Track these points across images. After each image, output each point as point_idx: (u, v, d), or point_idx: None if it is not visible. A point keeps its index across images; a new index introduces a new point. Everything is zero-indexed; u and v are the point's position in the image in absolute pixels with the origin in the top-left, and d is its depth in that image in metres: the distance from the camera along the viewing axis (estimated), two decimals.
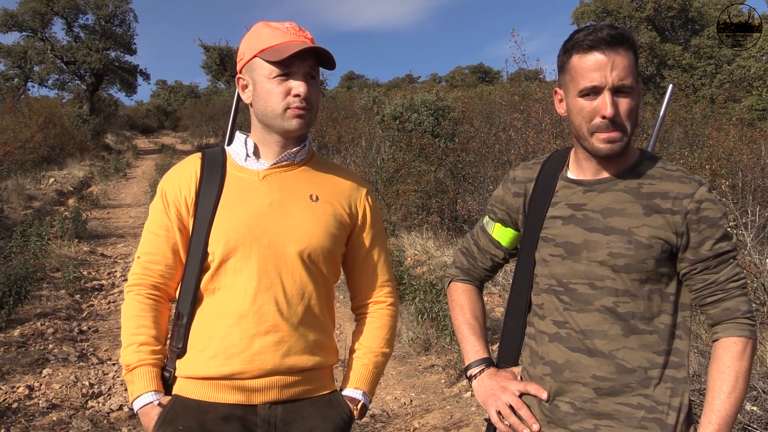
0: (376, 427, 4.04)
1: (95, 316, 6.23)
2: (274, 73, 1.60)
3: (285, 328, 1.61)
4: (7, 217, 10.07)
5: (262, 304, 1.60)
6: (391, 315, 1.81)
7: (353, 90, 42.12)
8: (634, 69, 1.44)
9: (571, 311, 1.54)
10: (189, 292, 1.64)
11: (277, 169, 1.68)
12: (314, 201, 1.68)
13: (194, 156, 1.75)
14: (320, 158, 1.80)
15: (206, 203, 1.64)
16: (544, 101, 9.06)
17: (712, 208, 1.47)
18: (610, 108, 1.42)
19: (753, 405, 3.25)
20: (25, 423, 3.88)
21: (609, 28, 1.43)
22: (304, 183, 1.69)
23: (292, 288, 1.62)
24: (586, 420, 1.52)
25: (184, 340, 1.64)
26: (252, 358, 1.58)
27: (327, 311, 1.72)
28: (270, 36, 1.62)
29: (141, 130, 39.99)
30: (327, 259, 1.67)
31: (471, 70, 60.19)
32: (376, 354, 1.76)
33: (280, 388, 1.61)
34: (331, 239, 1.67)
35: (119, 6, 32.79)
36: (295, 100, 1.60)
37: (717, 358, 1.47)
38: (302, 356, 1.63)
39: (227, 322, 1.60)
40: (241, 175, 1.67)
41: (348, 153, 12.93)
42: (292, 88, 1.59)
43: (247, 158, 1.69)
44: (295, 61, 1.58)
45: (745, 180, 7.73)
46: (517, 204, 1.69)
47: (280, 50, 1.58)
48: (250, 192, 1.65)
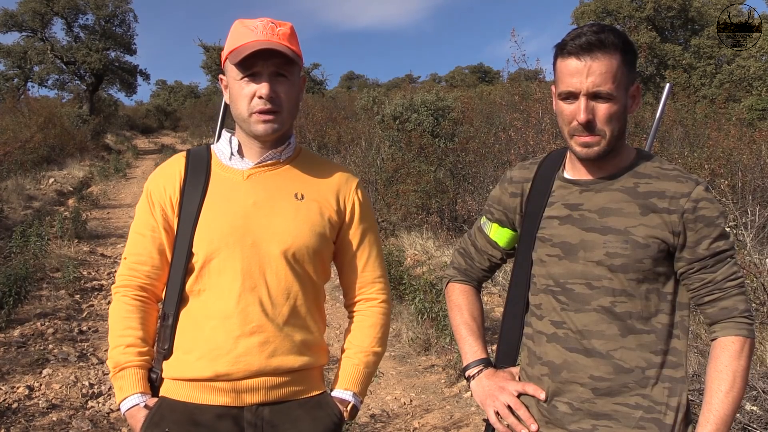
0: (376, 427, 4.04)
1: (95, 316, 6.23)
2: (239, 75, 1.58)
3: (270, 328, 1.59)
4: (7, 217, 10.07)
5: (247, 305, 1.58)
6: (383, 312, 1.78)
7: (353, 90, 42.11)
8: (616, 73, 1.43)
9: (568, 311, 1.54)
10: (174, 293, 1.63)
11: (262, 168, 1.66)
12: (299, 199, 1.65)
13: (179, 155, 1.74)
14: (308, 154, 1.77)
15: (190, 203, 1.62)
16: (544, 101, 9.06)
17: (709, 207, 1.47)
18: (582, 114, 1.44)
19: (753, 405, 3.25)
20: (25, 423, 3.89)
21: (592, 32, 1.43)
22: (290, 181, 1.67)
23: (277, 288, 1.60)
24: (584, 420, 1.53)
25: (170, 341, 1.63)
26: (237, 359, 1.57)
27: (315, 311, 1.69)
28: (238, 36, 1.59)
29: (141, 130, 39.94)
30: (313, 258, 1.64)
31: (471, 70, 60.20)
32: (367, 353, 1.73)
33: (266, 390, 1.60)
34: (316, 238, 1.64)
35: (119, 6, 32.84)
36: (259, 103, 1.57)
37: (715, 358, 1.47)
38: (288, 357, 1.61)
39: (212, 324, 1.59)
40: (226, 175, 1.66)
41: (348, 153, 12.93)
42: (256, 89, 1.56)
43: (232, 157, 1.67)
44: (257, 61, 1.55)
45: (744, 180, 7.73)
46: (514, 204, 1.70)
47: (241, 51, 1.55)
48: (234, 191, 1.63)
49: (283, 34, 1.60)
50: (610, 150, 1.50)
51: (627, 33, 11.12)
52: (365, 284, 1.77)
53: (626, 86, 1.48)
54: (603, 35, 1.43)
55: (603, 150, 1.48)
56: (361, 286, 1.77)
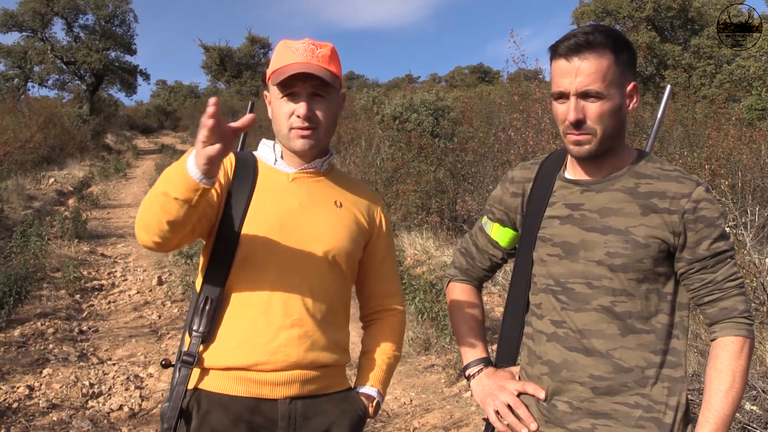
0: (376, 426, 4.04)
1: (95, 316, 6.24)
2: (279, 95, 1.66)
3: (310, 323, 1.64)
4: (7, 217, 10.07)
5: (289, 298, 1.63)
6: (402, 321, 1.89)
7: (353, 90, 42.14)
8: (606, 72, 1.46)
9: (568, 311, 1.54)
10: (219, 280, 1.64)
11: (304, 174, 1.74)
12: (338, 207, 1.74)
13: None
14: (339, 172, 1.87)
15: (240, 195, 1.67)
16: (544, 101, 9.06)
17: (710, 208, 1.47)
18: (572, 113, 1.47)
19: (752, 404, 3.26)
20: (25, 423, 3.89)
21: (582, 34, 1.47)
22: (329, 190, 1.76)
23: (318, 286, 1.67)
24: (583, 419, 1.53)
25: (210, 327, 1.63)
26: (277, 349, 1.61)
27: (344, 312, 1.77)
28: (281, 57, 1.68)
29: (141, 130, 39.94)
30: (348, 261, 1.73)
31: (471, 70, 60.18)
32: (389, 356, 1.82)
33: (301, 383, 1.64)
34: (353, 243, 1.73)
35: (119, 6, 32.84)
36: (296, 121, 1.65)
37: (714, 358, 1.48)
38: (323, 352, 1.66)
39: (253, 313, 1.62)
40: (273, 175, 1.72)
41: (348, 153, 12.93)
42: (295, 109, 1.65)
43: (276, 161, 1.75)
44: (297, 82, 1.63)
45: (744, 180, 7.73)
46: (515, 204, 1.70)
47: (282, 72, 1.64)
48: (281, 191, 1.70)
49: (324, 56, 1.68)
50: (604, 149, 1.51)
51: (625, 33, 10.98)
52: (386, 295, 1.87)
53: (620, 85, 1.49)
54: (592, 36, 1.46)
55: (595, 148, 1.50)
56: (382, 297, 1.87)
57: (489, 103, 16.51)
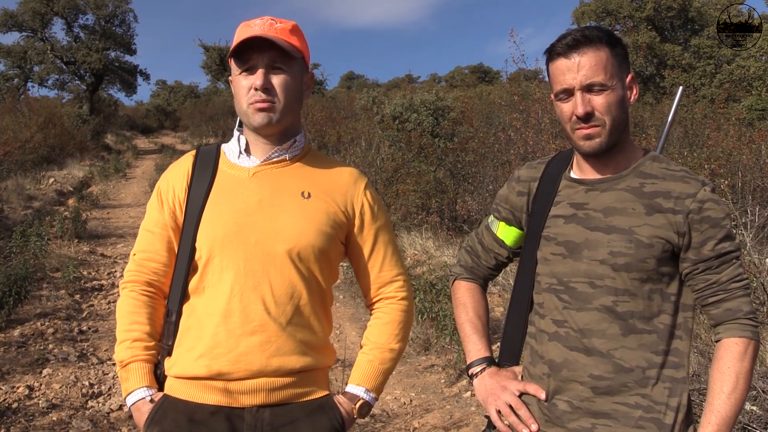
0: (376, 427, 4.04)
1: (95, 316, 6.23)
2: (237, 70, 1.60)
3: (272, 328, 1.57)
4: (7, 217, 10.07)
5: (248, 304, 1.56)
6: (403, 309, 1.75)
7: (353, 90, 42.09)
8: (608, 64, 1.47)
9: (570, 310, 1.54)
10: (178, 290, 1.63)
11: (268, 165, 1.66)
12: (306, 198, 1.63)
13: (189, 153, 1.75)
14: (316, 154, 1.76)
15: (195, 200, 1.63)
16: (544, 101, 9.07)
17: (715, 209, 1.47)
18: (580, 107, 1.47)
19: (753, 405, 3.25)
20: (25, 423, 3.88)
21: (576, 31, 1.49)
22: (297, 179, 1.66)
23: (281, 287, 1.58)
24: (583, 419, 1.53)
25: (173, 338, 1.64)
26: (238, 358, 1.56)
27: (321, 312, 1.67)
28: (239, 34, 1.62)
29: (141, 130, 39.92)
30: (319, 258, 1.62)
31: (471, 70, 60.14)
32: (383, 350, 1.71)
33: (267, 391, 1.58)
34: (323, 237, 1.62)
35: (119, 6, 32.81)
36: (254, 94, 1.58)
37: (718, 359, 1.47)
38: (291, 357, 1.58)
39: (214, 321, 1.58)
40: (232, 172, 1.66)
41: (347, 153, 12.93)
42: (253, 82, 1.58)
43: (240, 155, 1.68)
44: (252, 54, 1.57)
45: (744, 180, 7.74)
46: (520, 203, 1.70)
47: (237, 45, 1.58)
48: (239, 189, 1.63)
49: (282, 29, 1.62)
50: (613, 141, 1.51)
51: (625, 33, 11.10)
52: (384, 284, 1.75)
53: (620, 76, 1.50)
54: (587, 31, 1.49)
55: (605, 141, 1.49)
56: (380, 286, 1.76)
57: (489, 103, 16.52)
